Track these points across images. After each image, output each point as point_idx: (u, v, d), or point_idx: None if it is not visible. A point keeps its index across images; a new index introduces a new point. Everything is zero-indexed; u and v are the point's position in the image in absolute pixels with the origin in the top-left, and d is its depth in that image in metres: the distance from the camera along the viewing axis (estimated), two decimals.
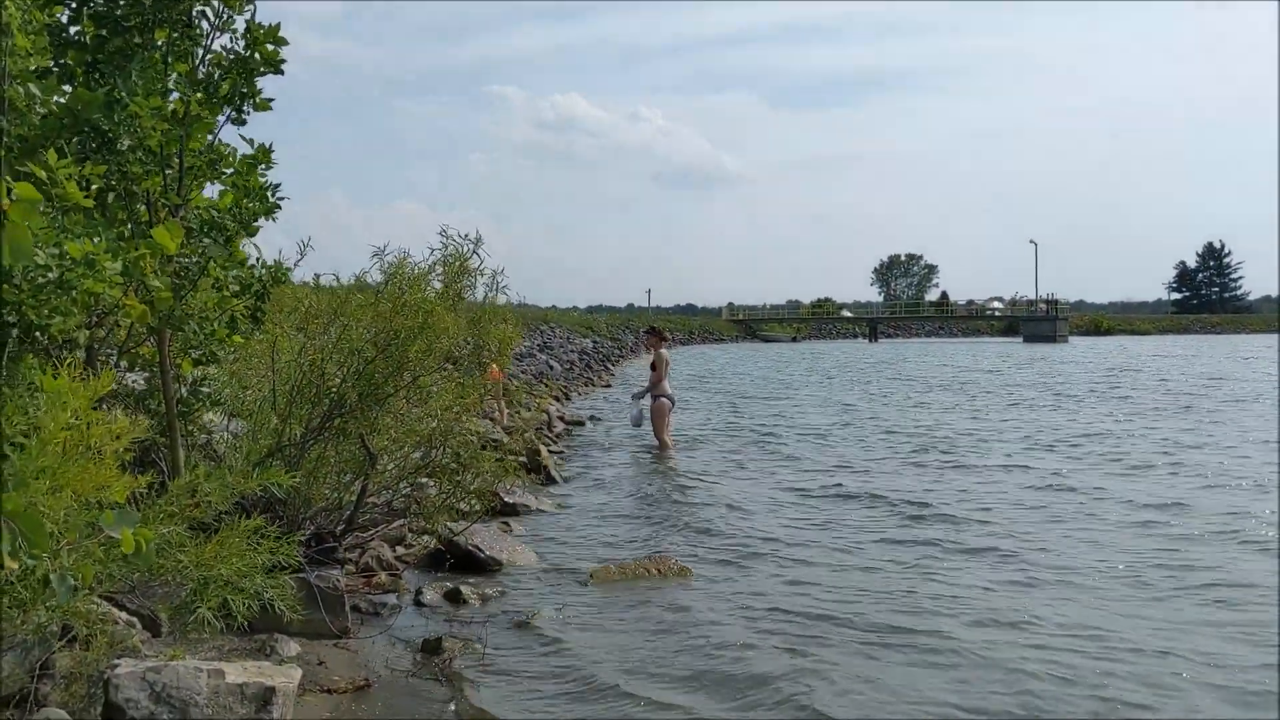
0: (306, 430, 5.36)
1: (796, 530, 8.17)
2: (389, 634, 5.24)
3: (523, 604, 5.94)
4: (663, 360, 13.58)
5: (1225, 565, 6.80)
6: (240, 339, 5.69)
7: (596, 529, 8.27)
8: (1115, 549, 7.33)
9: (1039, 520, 8.46)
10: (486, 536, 7.05)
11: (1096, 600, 5.99)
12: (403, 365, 5.15)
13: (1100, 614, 5.69)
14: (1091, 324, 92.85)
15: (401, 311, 5.10)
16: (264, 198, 5.33)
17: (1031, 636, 5.29)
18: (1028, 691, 4.52)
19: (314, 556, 5.38)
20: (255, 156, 5.35)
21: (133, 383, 6.40)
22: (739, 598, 6.09)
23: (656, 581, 6.45)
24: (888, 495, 9.72)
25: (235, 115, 5.39)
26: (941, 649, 5.08)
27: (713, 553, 7.34)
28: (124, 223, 5.31)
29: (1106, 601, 5.96)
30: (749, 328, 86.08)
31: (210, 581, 3.89)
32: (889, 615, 5.67)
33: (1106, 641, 5.20)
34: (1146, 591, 6.19)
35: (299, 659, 4.66)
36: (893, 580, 6.47)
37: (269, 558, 4.09)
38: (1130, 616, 5.66)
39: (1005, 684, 4.61)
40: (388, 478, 5.93)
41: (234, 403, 5.93)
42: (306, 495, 5.50)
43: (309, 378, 5.34)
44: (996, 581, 6.42)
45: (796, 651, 5.08)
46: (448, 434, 5.56)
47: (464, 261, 5.40)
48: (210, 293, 5.44)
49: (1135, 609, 5.82)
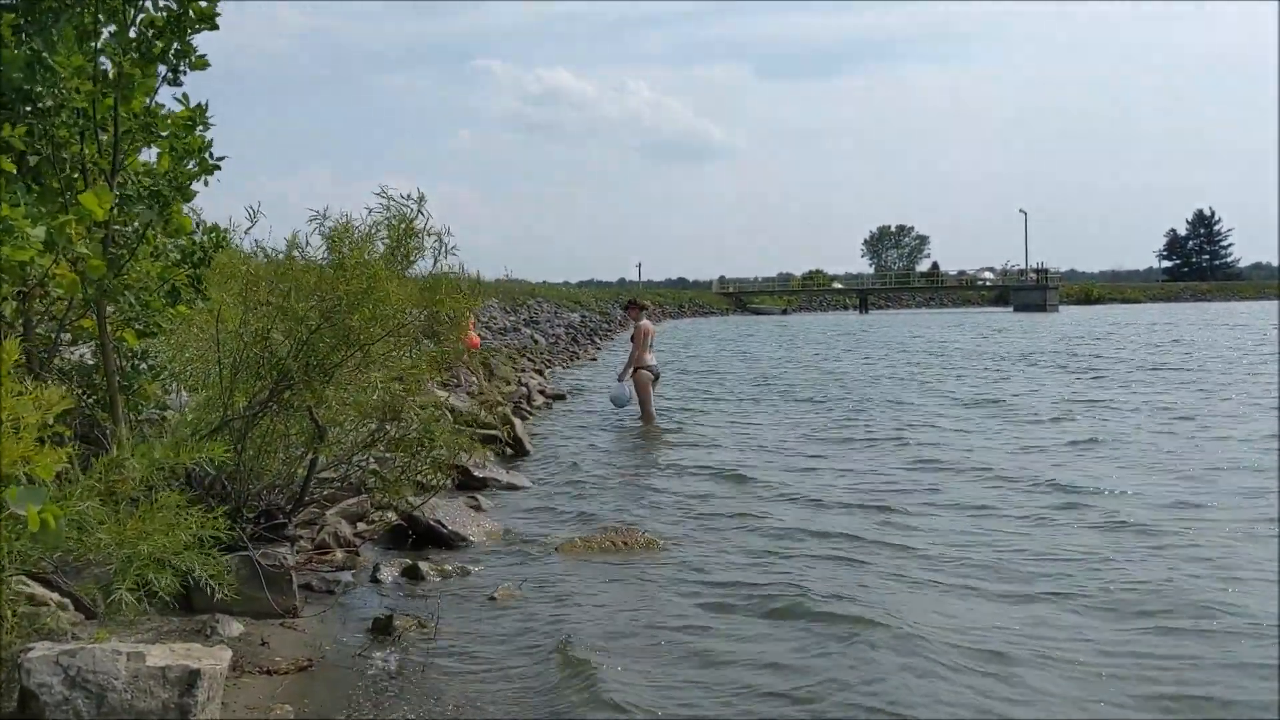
0: (251, 403, 5.15)
1: (771, 502, 8.00)
2: (340, 612, 5.07)
3: (484, 580, 5.77)
4: (641, 332, 13.35)
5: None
6: (185, 309, 5.49)
7: (569, 503, 8.09)
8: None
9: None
10: (451, 511, 6.88)
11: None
12: (348, 335, 4.94)
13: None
14: (1082, 293, 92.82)
15: (344, 276, 4.88)
16: (203, 160, 5.10)
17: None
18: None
19: (262, 534, 5.19)
20: (191, 115, 5.12)
21: (80, 356, 6.20)
22: (707, 569, 5.93)
23: (624, 554, 6.28)
24: (879, 471, 9.59)
25: (171, 76, 5.16)
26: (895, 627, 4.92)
27: (683, 524, 7.17)
28: (59, 191, 5.09)
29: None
30: (740, 301, 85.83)
31: (133, 560, 3.70)
32: (857, 590, 5.51)
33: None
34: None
35: (241, 639, 4.49)
36: (868, 549, 6.32)
37: (197, 532, 3.89)
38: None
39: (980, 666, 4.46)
40: (342, 451, 5.73)
41: (180, 376, 5.73)
42: (256, 470, 5.30)
43: (253, 349, 5.13)
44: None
45: (759, 622, 4.93)
46: (398, 407, 5.36)
47: (409, 223, 5.16)
48: (149, 262, 5.22)
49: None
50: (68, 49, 4.72)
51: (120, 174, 5.08)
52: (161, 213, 5.03)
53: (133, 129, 5.08)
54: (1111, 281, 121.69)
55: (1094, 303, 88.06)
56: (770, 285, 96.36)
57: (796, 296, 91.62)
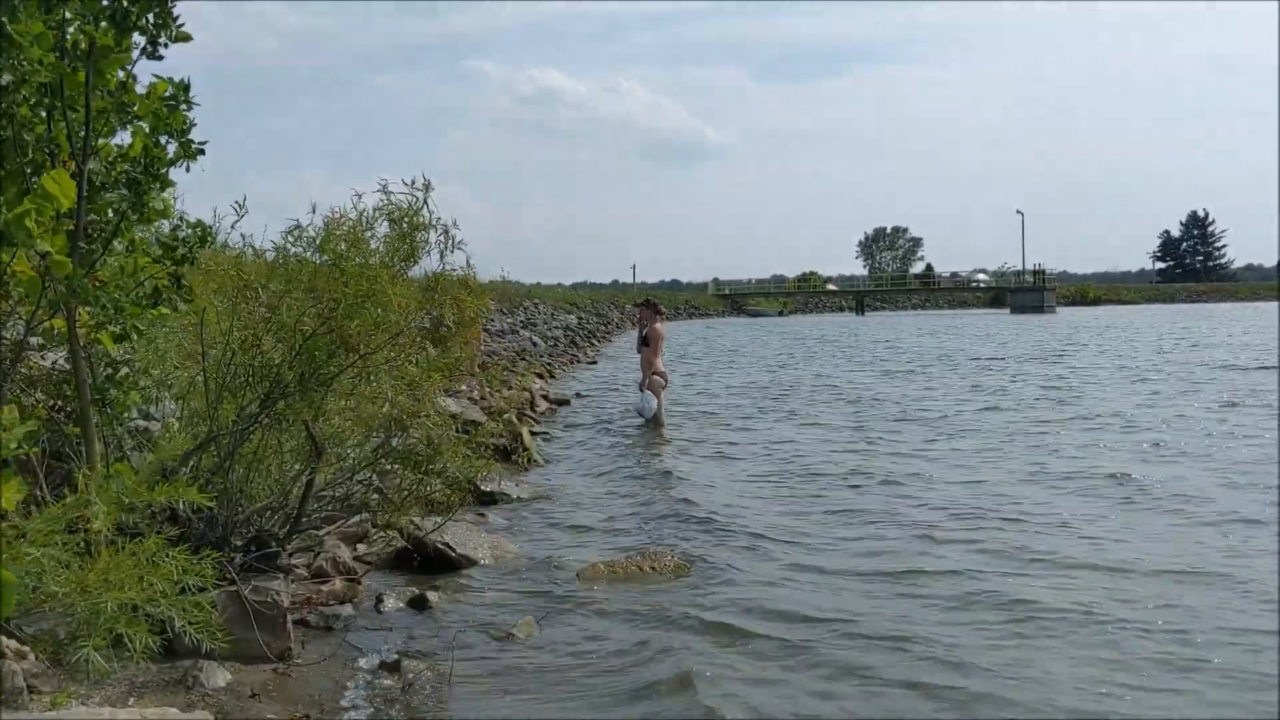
0: (240, 417, 4.57)
1: (799, 518, 7.44)
2: (340, 653, 4.48)
3: (500, 611, 5.19)
4: (658, 336, 12.77)
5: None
6: (165, 311, 4.91)
7: (583, 519, 7.51)
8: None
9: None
10: (459, 531, 6.29)
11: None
12: (346, 341, 4.36)
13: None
14: (1078, 294, 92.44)
15: (340, 278, 4.29)
16: (184, 143, 4.52)
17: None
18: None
19: (252, 564, 4.60)
20: (173, 95, 4.54)
21: (53, 363, 5.62)
22: (744, 599, 5.36)
23: (651, 581, 5.70)
24: (901, 480, 9.02)
25: (149, 49, 4.58)
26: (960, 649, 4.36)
27: (709, 545, 6.59)
28: (23, 177, 4.50)
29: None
30: (735, 303, 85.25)
31: (98, 613, 3.11)
32: (916, 611, 4.95)
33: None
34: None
35: (228, 690, 3.91)
36: (914, 574, 5.75)
37: (178, 579, 3.31)
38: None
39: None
40: (343, 469, 5.15)
41: (161, 384, 5.14)
42: (245, 492, 4.72)
43: (242, 356, 4.54)
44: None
45: (814, 664, 4.37)
46: (405, 419, 4.78)
47: (413, 216, 4.57)
48: (124, 257, 4.65)
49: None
50: (29, 15, 4.14)
51: (92, 159, 4.50)
52: (136, 201, 4.45)
53: (106, 108, 4.51)
54: (1104, 283, 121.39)
55: (1091, 304, 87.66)
56: (764, 287, 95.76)
57: (792, 298, 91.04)
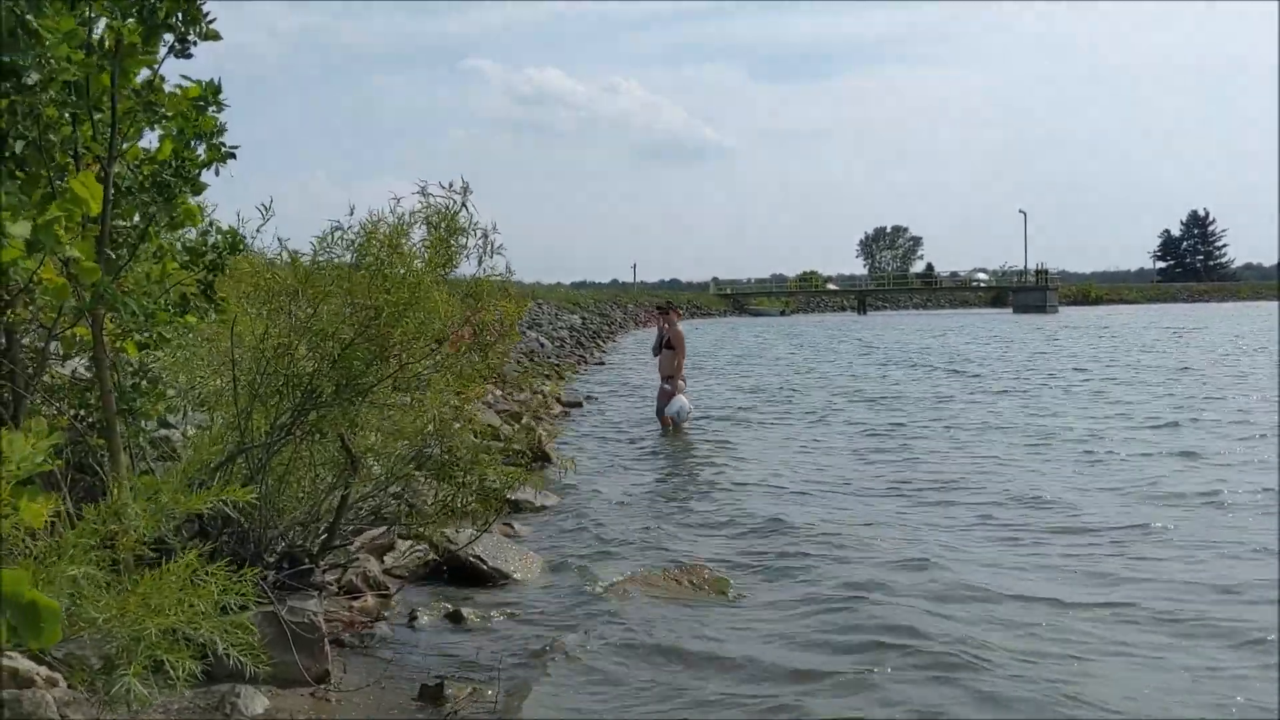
0: (273, 428, 4.40)
1: (832, 521, 7.28)
2: (378, 674, 4.30)
3: (538, 628, 5.03)
4: (680, 339, 12.65)
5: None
6: (194, 319, 4.74)
7: (612, 529, 7.33)
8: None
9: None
10: (489, 543, 6.11)
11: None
12: (386, 350, 4.19)
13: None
14: (1080, 294, 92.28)
15: (383, 285, 4.12)
16: (214, 145, 4.35)
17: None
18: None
19: (285, 581, 4.43)
20: (203, 94, 4.37)
21: (73, 370, 5.46)
22: (793, 614, 5.20)
23: (690, 596, 5.53)
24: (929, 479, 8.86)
25: (178, 48, 4.40)
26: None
27: (745, 555, 6.45)
28: (48, 180, 4.33)
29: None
30: (737, 302, 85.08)
31: (140, 639, 2.94)
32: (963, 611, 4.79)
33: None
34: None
35: (267, 717, 3.74)
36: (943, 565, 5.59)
37: (218, 598, 3.14)
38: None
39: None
40: (378, 482, 4.97)
41: (188, 394, 4.97)
42: (276, 506, 4.55)
43: (275, 365, 4.37)
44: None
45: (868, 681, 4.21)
46: (445, 430, 4.62)
47: (452, 219, 4.40)
48: (150, 263, 4.48)
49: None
50: (56, 12, 3.96)
51: (119, 161, 4.33)
52: (166, 205, 4.28)
53: (134, 108, 4.34)
54: (1105, 282, 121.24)
55: (1093, 304, 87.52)
56: (765, 286, 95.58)
57: (794, 298, 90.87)
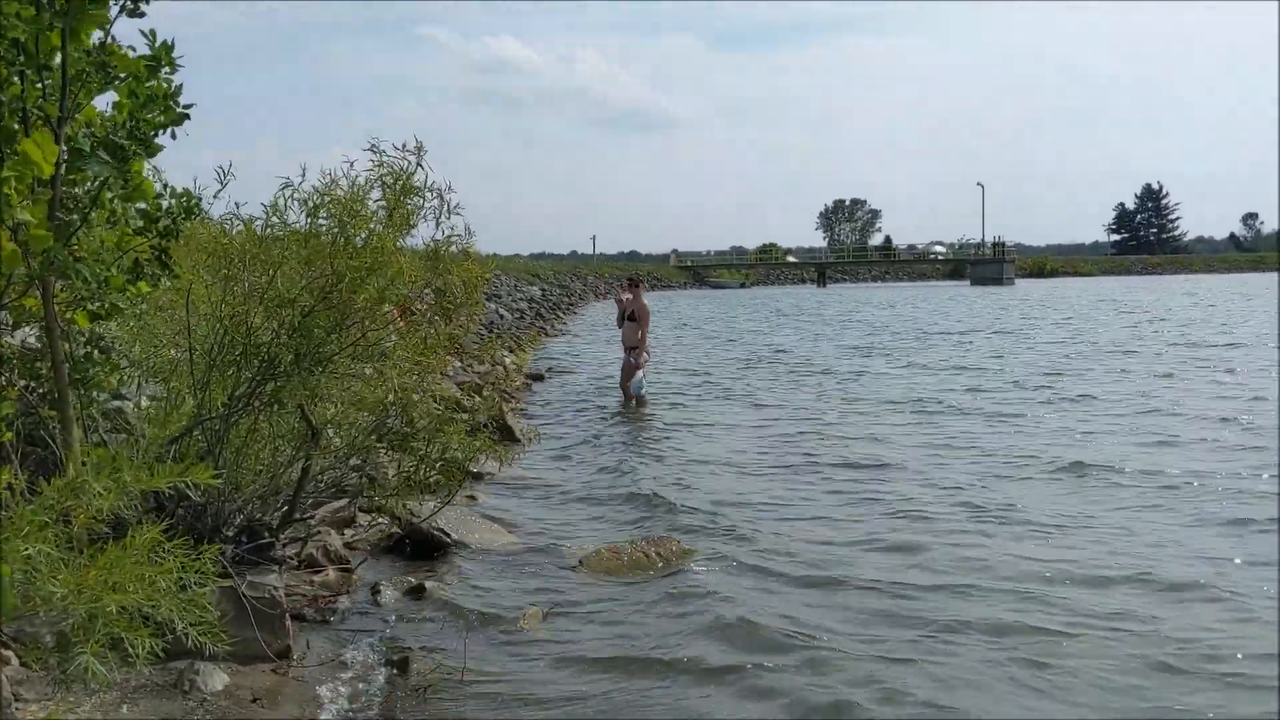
0: (231, 399, 4.30)
1: (794, 495, 7.31)
2: (342, 649, 4.25)
3: (502, 600, 4.99)
4: (645, 312, 12.59)
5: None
6: (147, 287, 4.61)
7: (575, 500, 7.32)
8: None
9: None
10: (451, 515, 6.06)
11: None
12: (348, 317, 4.10)
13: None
14: (1036, 267, 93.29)
15: (344, 249, 4.02)
16: (167, 106, 4.22)
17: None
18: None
19: (245, 556, 4.35)
20: (155, 55, 4.23)
21: (22, 340, 5.32)
22: (756, 580, 5.22)
23: (659, 567, 5.51)
24: (882, 457, 8.92)
25: (130, 6, 4.25)
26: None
27: (709, 526, 6.42)
28: None
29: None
30: (697, 274, 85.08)
31: (97, 617, 2.86)
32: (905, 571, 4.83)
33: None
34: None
35: (226, 694, 3.68)
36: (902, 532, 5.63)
37: (179, 576, 3.06)
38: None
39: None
40: (336, 454, 4.89)
41: (142, 365, 4.85)
42: (234, 480, 4.46)
43: (232, 334, 4.26)
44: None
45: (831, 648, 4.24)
46: (406, 401, 4.54)
47: (407, 179, 4.29)
48: (104, 229, 4.34)
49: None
50: None
51: (70, 124, 4.18)
52: (120, 169, 4.15)
53: (85, 68, 4.18)
54: (1060, 255, 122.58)
55: (1048, 276, 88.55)
56: (725, 259, 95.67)
57: (754, 270, 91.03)
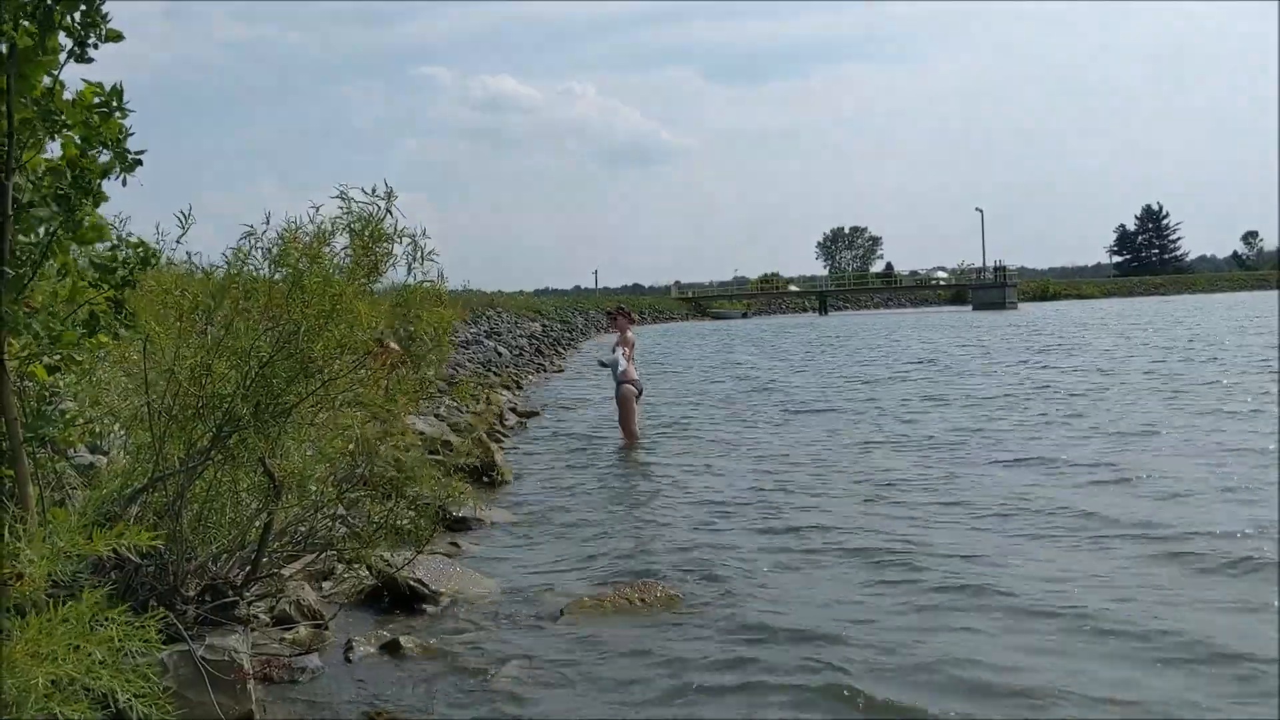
0: (189, 454, 4.14)
1: (789, 539, 7.09)
2: (304, 714, 4.06)
3: (480, 653, 4.79)
4: (627, 343, 12.46)
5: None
6: (106, 339, 4.47)
7: (562, 545, 7.12)
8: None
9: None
10: (431, 565, 5.87)
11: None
12: (307, 367, 3.95)
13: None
14: (1039, 290, 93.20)
15: (300, 297, 3.87)
16: (120, 152, 4.09)
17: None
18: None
19: (207, 616, 4.17)
20: (106, 98, 4.11)
21: None
22: (742, 630, 5.01)
23: (644, 615, 5.31)
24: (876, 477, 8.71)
25: (78, 51, 4.14)
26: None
27: (698, 571, 6.17)
28: None
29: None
30: (699, 305, 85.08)
31: (29, 692, 2.69)
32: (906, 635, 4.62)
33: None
34: None
35: None
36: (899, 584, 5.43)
37: (120, 643, 2.89)
38: None
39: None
40: (306, 506, 4.72)
41: (108, 418, 4.70)
42: (195, 537, 4.28)
43: (190, 386, 4.11)
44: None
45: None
46: (370, 450, 4.37)
47: (376, 226, 4.15)
48: (55, 281, 4.21)
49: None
50: None
51: (17, 174, 4.06)
52: (67, 219, 4.01)
53: (31, 117, 4.07)
54: (1062, 277, 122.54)
55: (1052, 299, 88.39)
56: (727, 289, 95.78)
57: (755, 300, 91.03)
